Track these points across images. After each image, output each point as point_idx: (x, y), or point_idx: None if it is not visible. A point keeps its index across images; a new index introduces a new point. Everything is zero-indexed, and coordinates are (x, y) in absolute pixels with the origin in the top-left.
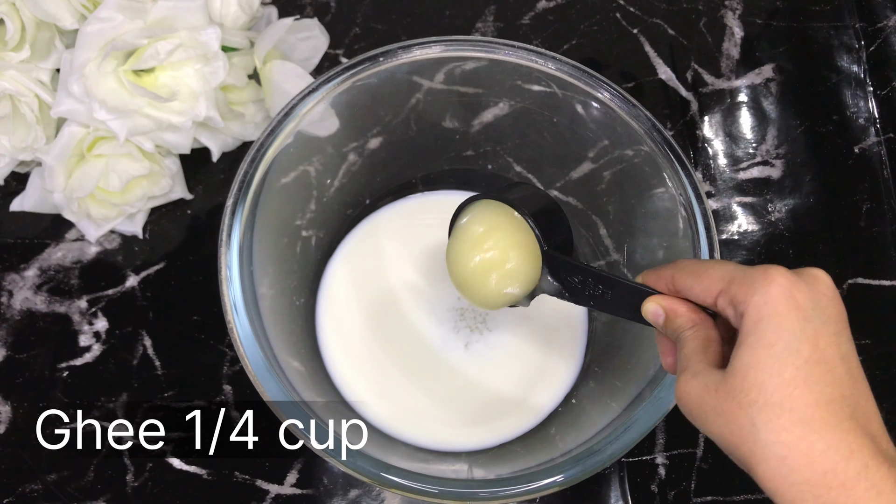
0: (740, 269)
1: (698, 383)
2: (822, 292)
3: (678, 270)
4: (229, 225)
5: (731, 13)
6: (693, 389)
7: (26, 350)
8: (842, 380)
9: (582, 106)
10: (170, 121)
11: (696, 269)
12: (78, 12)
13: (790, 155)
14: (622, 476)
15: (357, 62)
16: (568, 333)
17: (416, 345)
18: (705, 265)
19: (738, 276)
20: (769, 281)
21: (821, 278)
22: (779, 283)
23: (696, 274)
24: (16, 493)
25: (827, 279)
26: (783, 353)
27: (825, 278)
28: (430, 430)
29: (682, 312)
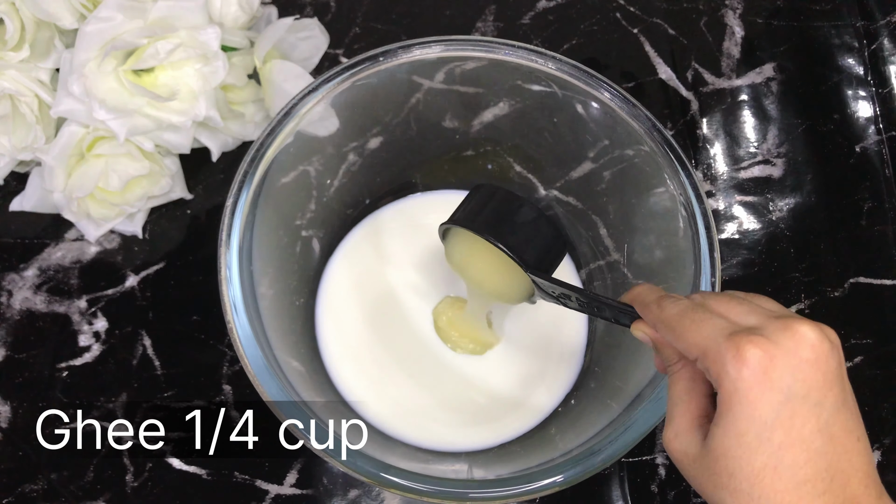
0: (716, 337)
1: (680, 445)
2: (804, 358)
3: (660, 320)
4: (229, 225)
5: (731, 12)
6: (675, 449)
7: (26, 350)
8: (819, 452)
9: (582, 106)
10: (170, 120)
11: (675, 327)
12: (78, 12)
13: (791, 154)
14: (622, 476)
15: (357, 62)
16: (568, 333)
17: (416, 345)
18: (683, 324)
19: (711, 350)
20: (741, 363)
21: (805, 340)
22: (751, 365)
23: (674, 332)
24: (16, 493)
25: (812, 338)
26: (753, 442)
27: (810, 337)
28: (430, 430)
29: (667, 344)
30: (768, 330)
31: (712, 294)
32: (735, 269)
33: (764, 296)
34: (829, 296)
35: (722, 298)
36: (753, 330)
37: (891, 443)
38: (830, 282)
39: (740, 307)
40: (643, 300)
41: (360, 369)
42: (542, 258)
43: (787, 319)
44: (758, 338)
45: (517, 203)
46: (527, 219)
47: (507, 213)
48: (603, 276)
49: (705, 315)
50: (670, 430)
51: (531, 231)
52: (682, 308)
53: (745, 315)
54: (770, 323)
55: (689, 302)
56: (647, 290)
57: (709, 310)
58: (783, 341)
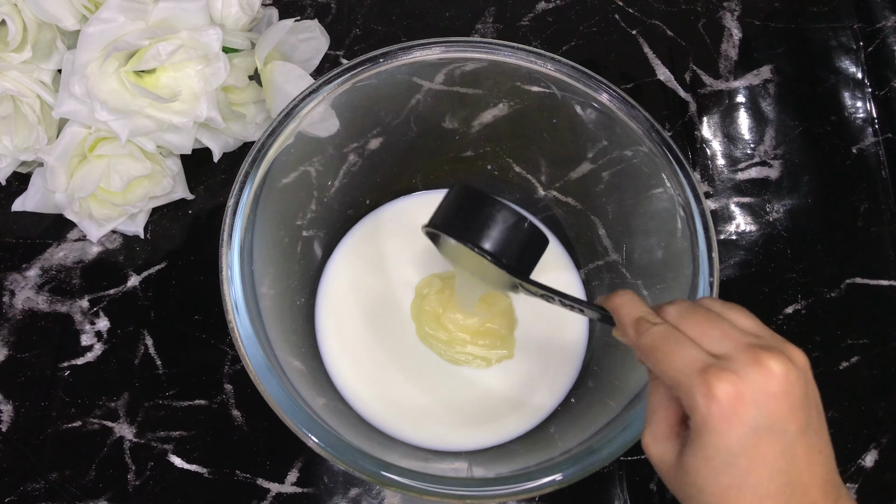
0: (688, 372)
1: (657, 451)
2: (771, 392)
3: (635, 346)
4: (230, 225)
5: (729, 14)
6: (652, 454)
7: (28, 349)
8: (781, 471)
9: (581, 107)
10: (171, 121)
11: (649, 356)
12: (79, 13)
13: (788, 155)
14: (621, 475)
15: (357, 63)
16: (568, 333)
17: (417, 344)
18: (656, 356)
19: (683, 384)
20: (710, 399)
21: (772, 375)
22: (719, 402)
23: (648, 361)
24: (18, 492)
25: (780, 372)
26: (720, 465)
27: (778, 372)
28: (430, 429)
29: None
30: (737, 363)
31: (688, 308)
32: (732, 269)
33: (740, 309)
34: (826, 296)
35: (697, 319)
36: (724, 363)
37: (888, 442)
38: (827, 282)
39: (713, 331)
40: (620, 317)
41: (360, 369)
42: (521, 257)
43: (756, 352)
44: (727, 374)
45: (493, 204)
46: (504, 219)
47: (483, 214)
48: (602, 276)
49: (677, 346)
50: (648, 434)
51: (509, 232)
52: (655, 336)
53: (717, 341)
54: (740, 354)
55: (663, 329)
56: (626, 304)
57: (683, 335)
58: (751, 376)
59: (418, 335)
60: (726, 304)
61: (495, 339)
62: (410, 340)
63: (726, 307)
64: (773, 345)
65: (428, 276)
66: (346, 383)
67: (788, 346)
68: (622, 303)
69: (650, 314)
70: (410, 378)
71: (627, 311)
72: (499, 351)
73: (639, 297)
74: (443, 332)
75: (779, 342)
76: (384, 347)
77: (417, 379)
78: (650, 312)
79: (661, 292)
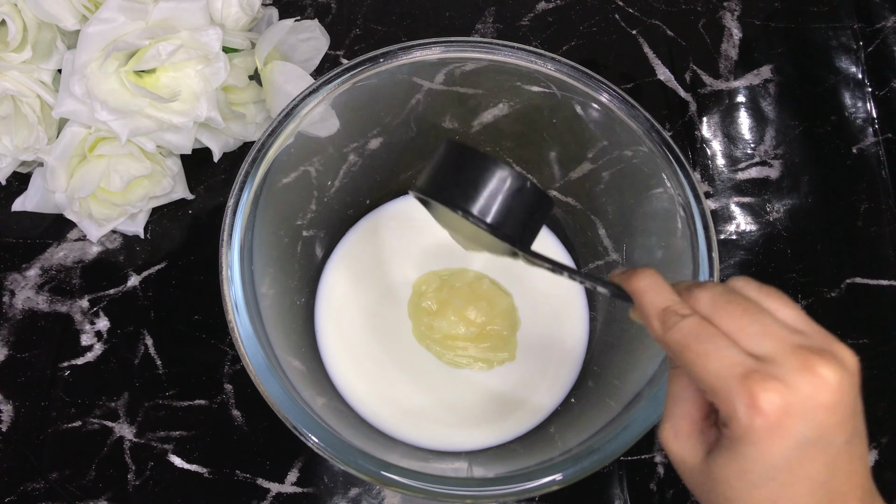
0: (726, 377)
1: (679, 449)
2: (821, 403)
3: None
4: (230, 225)
5: (729, 14)
6: (674, 451)
7: (28, 349)
8: (822, 483)
9: (581, 107)
10: (171, 121)
11: (679, 355)
12: (79, 13)
13: (788, 155)
14: (621, 475)
15: (357, 63)
16: (568, 333)
17: (416, 344)
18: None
19: (721, 390)
20: (754, 411)
21: (825, 385)
22: (765, 415)
23: (679, 359)
24: (18, 492)
25: (833, 382)
26: (756, 479)
27: (831, 382)
28: (430, 430)
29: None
30: (785, 368)
31: (723, 297)
32: (732, 269)
33: (779, 294)
34: (826, 296)
35: (733, 311)
36: (768, 369)
37: (888, 442)
38: (827, 282)
39: (753, 326)
40: (643, 305)
41: (360, 369)
42: (522, 224)
43: (805, 356)
44: (773, 382)
45: (487, 163)
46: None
47: (476, 176)
48: (602, 276)
49: (712, 346)
50: (669, 428)
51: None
52: (686, 333)
53: (758, 339)
54: (787, 358)
55: (694, 323)
56: (650, 290)
57: (717, 331)
58: (802, 386)
59: (415, 334)
60: (763, 289)
61: (497, 341)
62: (410, 340)
63: (764, 293)
64: (823, 345)
65: (426, 274)
66: (346, 383)
67: (837, 346)
68: (645, 287)
69: (678, 303)
70: (410, 378)
71: (651, 298)
72: (500, 354)
73: (663, 279)
74: (440, 332)
75: (827, 340)
76: (384, 347)
77: (417, 379)
78: (678, 301)
79: None
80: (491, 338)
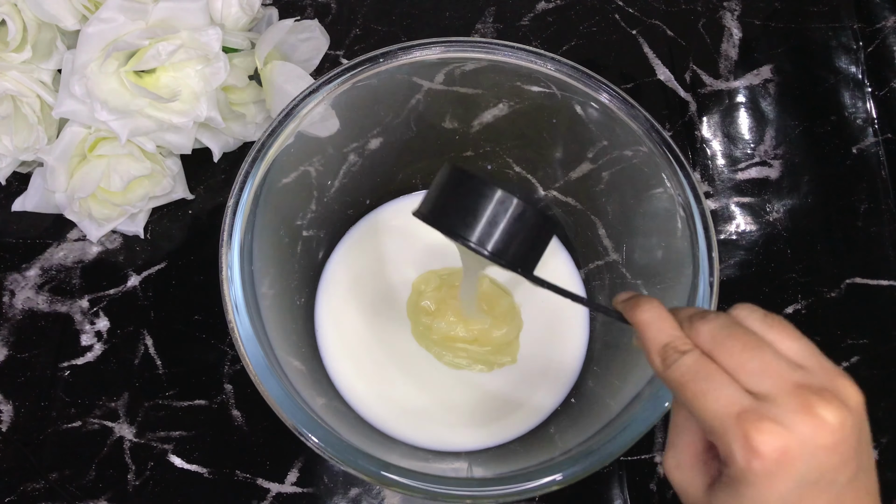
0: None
1: (682, 479)
2: (822, 445)
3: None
4: (230, 225)
5: (729, 14)
6: (676, 480)
7: (28, 349)
8: None
9: (581, 107)
10: (171, 121)
11: (679, 392)
12: (79, 13)
13: (788, 155)
14: (621, 475)
15: (357, 63)
16: (567, 333)
17: (417, 344)
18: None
19: (717, 430)
20: (751, 453)
21: (825, 427)
22: (762, 457)
23: (678, 395)
24: (18, 492)
25: (834, 423)
26: None
27: (831, 423)
28: (430, 430)
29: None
30: (783, 409)
31: (724, 330)
32: (732, 269)
33: (783, 325)
34: (826, 296)
35: (733, 346)
36: (766, 409)
37: (888, 442)
38: (827, 282)
39: (753, 362)
40: (644, 340)
41: (359, 369)
42: (524, 251)
43: (805, 396)
44: (770, 424)
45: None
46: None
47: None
48: (602, 276)
49: (710, 385)
50: (672, 458)
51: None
52: (684, 371)
53: (757, 376)
54: (786, 398)
55: (694, 361)
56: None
57: (717, 369)
58: (800, 427)
59: (413, 334)
60: (768, 319)
61: (499, 345)
62: (410, 340)
63: (767, 324)
64: (825, 384)
65: (426, 273)
66: (346, 383)
67: (841, 383)
68: (647, 321)
69: (679, 339)
70: (410, 378)
71: (653, 334)
72: (502, 357)
73: (665, 312)
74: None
75: (830, 377)
76: (384, 347)
77: (417, 379)
78: (679, 336)
79: (661, 292)
80: (492, 342)
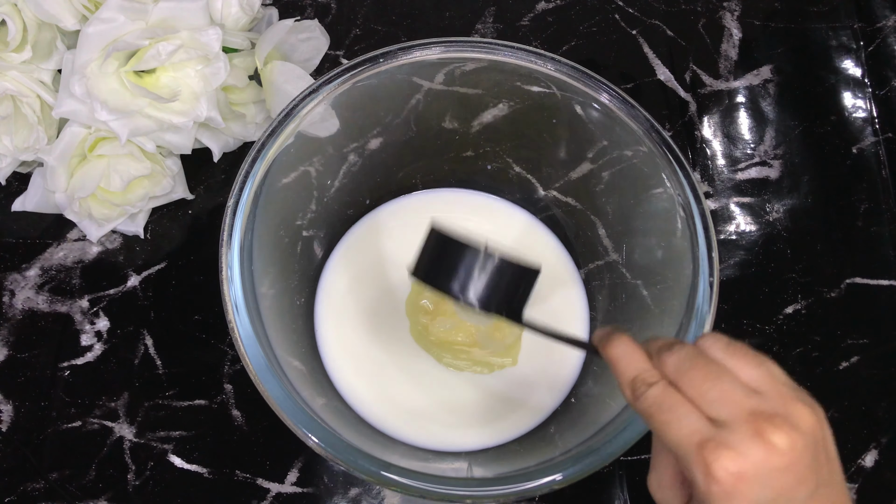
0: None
1: (663, 497)
2: (774, 467)
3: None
4: (230, 225)
5: (729, 14)
6: (658, 499)
7: (28, 349)
8: None
9: (581, 107)
10: (171, 121)
11: (648, 421)
12: (79, 13)
13: (788, 155)
14: (621, 475)
15: (357, 63)
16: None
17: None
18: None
19: (682, 458)
20: (710, 479)
21: (775, 450)
22: (719, 482)
23: (648, 424)
24: (18, 492)
25: (784, 446)
26: None
27: (781, 447)
28: (430, 430)
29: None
30: (737, 436)
31: (687, 360)
32: (732, 269)
33: (745, 353)
34: (826, 296)
35: (695, 376)
36: (723, 436)
37: (888, 442)
38: (827, 282)
39: (713, 391)
40: (617, 374)
41: (359, 369)
42: (510, 300)
43: (758, 423)
44: (725, 451)
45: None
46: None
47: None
48: (602, 276)
49: (673, 415)
50: (654, 480)
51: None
52: (650, 402)
53: (717, 405)
54: (741, 425)
55: (659, 392)
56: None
57: (680, 398)
58: (752, 452)
59: (412, 332)
60: (730, 348)
61: (499, 347)
62: (410, 340)
63: (730, 352)
64: (777, 410)
65: None
66: (345, 383)
67: (795, 407)
68: (618, 356)
69: (647, 371)
70: (410, 378)
71: (623, 368)
72: (502, 359)
73: (634, 346)
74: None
75: (784, 402)
76: (384, 347)
77: (417, 379)
78: (647, 369)
79: (661, 292)
80: (493, 345)
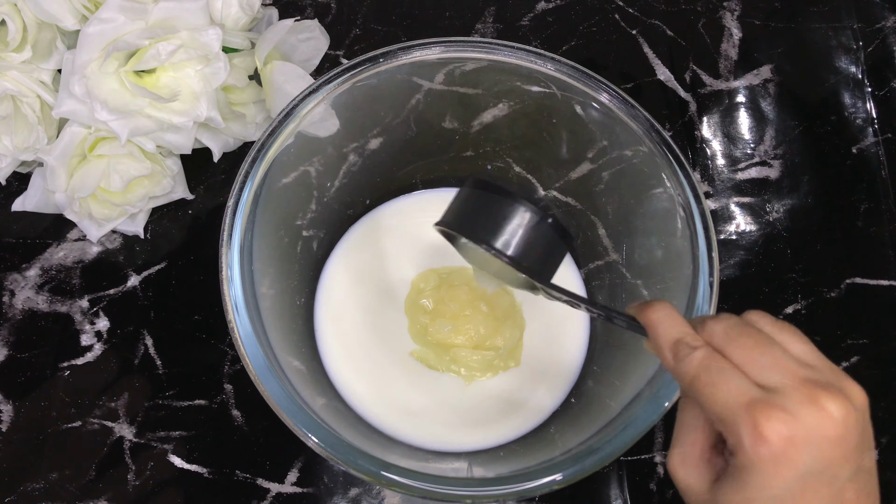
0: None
1: (686, 476)
2: (826, 436)
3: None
4: (230, 225)
5: (729, 14)
6: (680, 477)
7: (28, 349)
8: None
9: (581, 106)
10: (171, 121)
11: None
12: (79, 13)
13: (788, 155)
14: (621, 475)
15: (357, 63)
16: (568, 333)
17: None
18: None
19: (727, 420)
20: (759, 440)
21: (830, 419)
22: (769, 444)
23: (689, 390)
24: (17, 492)
25: (838, 416)
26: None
27: (836, 416)
28: (430, 430)
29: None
30: (791, 400)
31: (736, 329)
32: (732, 269)
33: (793, 330)
34: (826, 296)
35: (745, 343)
36: (775, 399)
37: (888, 441)
38: (827, 282)
39: (763, 358)
40: (656, 337)
41: (359, 369)
42: (542, 260)
43: (813, 389)
44: (778, 412)
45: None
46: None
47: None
48: (601, 275)
49: (721, 377)
50: (677, 456)
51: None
52: (696, 364)
53: (768, 370)
54: (794, 390)
55: (705, 355)
56: (664, 322)
57: (728, 362)
58: (806, 417)
59: (410, 332)
60: (778, 324)
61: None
62: (410, 340)
63: (778, 327)
64: (832, 381)
65: (426, 271)
66: (345, 383)
67: (847, 382)
68: (658, 319)
69: (690, 335)
70: (410, 378)
71: (665, 329)
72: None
73: (676, 312)
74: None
75: (837, 377)
76: (384, 347)
77: (417, 379)
78: (690, 333)
79: (661, 292)
80: (494, 348)
